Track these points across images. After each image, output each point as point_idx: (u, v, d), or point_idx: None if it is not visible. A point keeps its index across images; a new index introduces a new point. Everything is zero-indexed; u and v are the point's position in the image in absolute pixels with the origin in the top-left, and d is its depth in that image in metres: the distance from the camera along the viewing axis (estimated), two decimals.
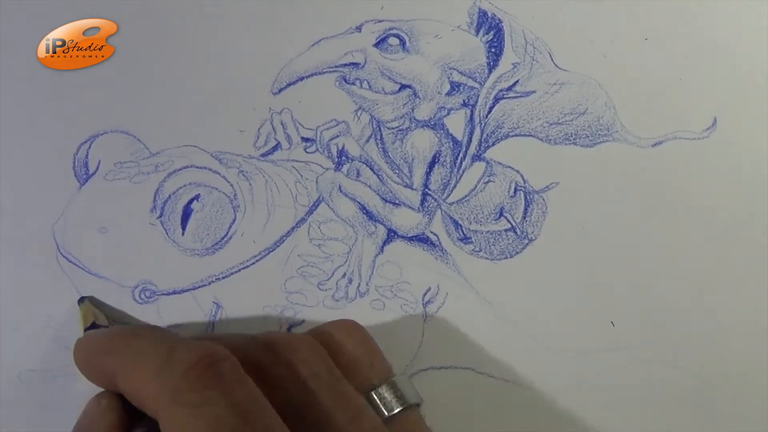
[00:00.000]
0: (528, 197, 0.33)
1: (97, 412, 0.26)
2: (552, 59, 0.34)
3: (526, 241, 0.33)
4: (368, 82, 0.34)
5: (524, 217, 0.33)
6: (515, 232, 0.33)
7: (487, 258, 0.33)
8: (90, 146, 0.32)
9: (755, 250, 0.33)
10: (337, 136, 0.33)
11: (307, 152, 0.33)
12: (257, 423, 0.22)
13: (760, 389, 0.32)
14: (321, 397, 0.24)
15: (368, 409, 0.25)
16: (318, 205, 0.32)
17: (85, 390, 0.31)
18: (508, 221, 0.33)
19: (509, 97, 0.34)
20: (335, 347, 0.27)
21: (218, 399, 0.22)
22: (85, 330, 0.30)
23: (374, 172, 0.33)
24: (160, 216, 0.32)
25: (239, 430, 0.22)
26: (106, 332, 0.28)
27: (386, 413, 0.26)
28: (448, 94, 0.34)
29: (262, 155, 0.33)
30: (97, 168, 0.32)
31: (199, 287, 0.32)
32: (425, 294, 0.32)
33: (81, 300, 0.31)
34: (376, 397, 0.26)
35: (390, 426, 0.26)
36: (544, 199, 0.33)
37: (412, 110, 0.33)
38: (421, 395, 0.28)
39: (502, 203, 0.33)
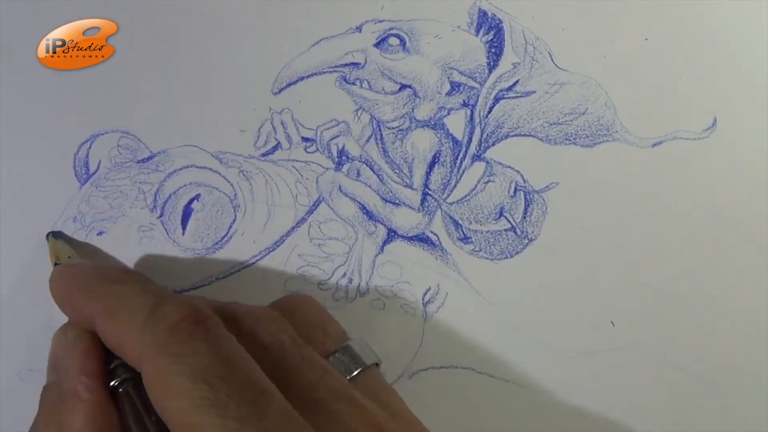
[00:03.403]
0: (528, 197, 0.33)
1: (65, 343, 0.26)
2: (552, 59, 0.34)
3: (526, 241, 0.33)
4: (368, 82, 0.34)
5: (524, 217, 0.33)
6: (515, 232, 0.33)
7: (487, 258, 0.33)
8: (90, 146, 0.32)
9: (755, 250, 0.33)
10: (338, 136, 0.33)
11: (307, 152, 0.33)
12: (243, 371, 0.23)
13: (760, 389, 0.32)
14: (286, 361, 0.25)
15: (333, 369, 0.26)
16: (318, 204, 0.32)
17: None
18: (508, 221, 0.33)
19: (509, 97, 0.34)
20: (289, 317, 0.27)
21: (205, 350, 0.23)
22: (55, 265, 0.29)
23: (374, 172, 0.33)
24: (161, 216, 0.32)
25: (226, 377, 0.22)
26: (87, 269, 0.28)
27: (346, 376, 0.26)
28: (449, 94, 0.34)
29: (263, 155, 0.33)
30: (98, 168, 0.32)
31: (199, 287, 0.32)
32: (425, 294, 0.32)
33: (49, 235, 0.31)
34: (333, 361, 0.27)
35: None
36: (544, 199, 0.33)
37: (413, 110, 0.33)
38: (379, 356, 0.28)
39: (502, 203, 0.33)
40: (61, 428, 0.24)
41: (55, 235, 0.31)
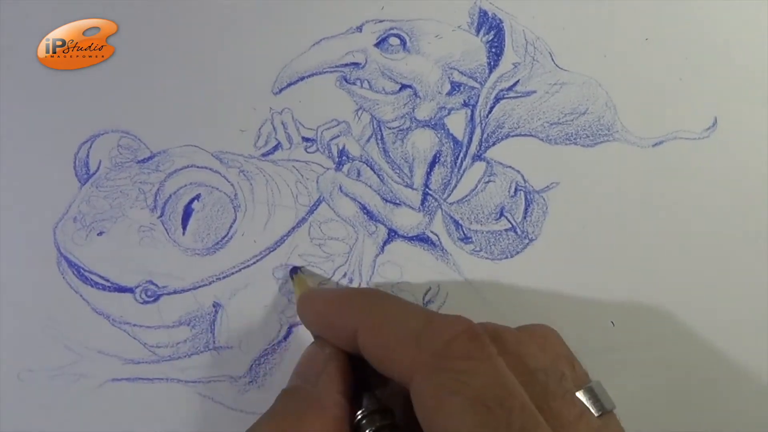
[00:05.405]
0: (528, 197, 0.33)
1: (321, 356, 0.26)
2: (552, 59, 0.34)
3: (527, 241, 0.33)
4: (369, 82, 0.34)
5: (525, 217, 0.33)
6: (515, 232, 0.33)
7: (487, 258, 0.33)
8: (91, 146, 0.32)
9: (755, 249, 0.33)
10: (338, 136, 0.33)
11: (307, 152, 0.33)
12: (519, 398, 0.22)
13: (759, 389, 0.32)
14: (549, 390, 0.24)
15: (588, 409, 0.25)
16: (319, 204, 0.32)
17: (86, 390, 0.31)
18: (509, 221, 0.33)
19: (510, 97, 0.34)
20: (541, 345, 0.26)
21: (483, 370, 0.22)
22: None
23: (375, 172, 0.33)
24: (161, 216, 0.32)
25: (504, 404, 0.22)
26: (344, 290, 0.28)
27: None
28: (449, 94, 0.34)
29: (263, 155, 0.33)
30: (98, 168, 0.32)
31: (199, 287, 0.32)
32: (425, 294, 0.32)
33: (293, 271, 0.31)
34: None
35: None
36: (544, 199, 0.33)
37: (413, 110, 0.33)
38: (613, 401, 0.27)
39: (502, 203, 0.33)
40: (299, 430, 0.24)
41: (296, 271, 0.31)
